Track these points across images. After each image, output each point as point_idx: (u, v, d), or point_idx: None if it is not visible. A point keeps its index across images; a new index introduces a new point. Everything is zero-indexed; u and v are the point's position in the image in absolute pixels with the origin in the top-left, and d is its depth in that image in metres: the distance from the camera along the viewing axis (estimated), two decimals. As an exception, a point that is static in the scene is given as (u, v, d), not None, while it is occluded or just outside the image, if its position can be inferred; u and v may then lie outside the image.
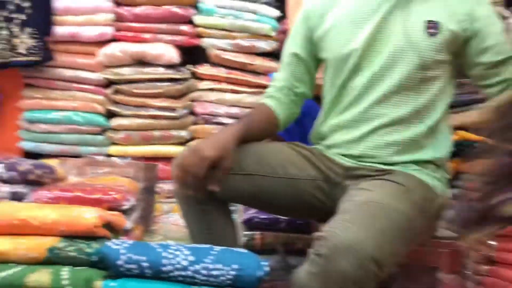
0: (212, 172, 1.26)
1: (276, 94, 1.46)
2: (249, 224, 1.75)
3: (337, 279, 1.08)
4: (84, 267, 1.18)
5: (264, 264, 1.21)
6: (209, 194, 1.30)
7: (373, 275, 1.08)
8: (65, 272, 1.15)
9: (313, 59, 1.46)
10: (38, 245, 1.18)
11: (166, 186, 2.25)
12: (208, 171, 1.25)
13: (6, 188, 1.55)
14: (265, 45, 2.22)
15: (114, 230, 1.34)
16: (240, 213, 1.86)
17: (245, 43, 2.21)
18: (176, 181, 1.37)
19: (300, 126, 2.18)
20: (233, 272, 1.17)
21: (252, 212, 1.76)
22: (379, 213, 1.16)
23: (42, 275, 1.14)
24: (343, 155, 1.38)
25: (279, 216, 1.78)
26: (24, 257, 1.18)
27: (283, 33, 2.22)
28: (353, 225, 1.11)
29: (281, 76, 1.48)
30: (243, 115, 1.52)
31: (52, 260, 1.18)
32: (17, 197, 1.59)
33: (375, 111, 1.34)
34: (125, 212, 1.73)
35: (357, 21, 1.36)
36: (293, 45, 1.47)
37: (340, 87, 1.38)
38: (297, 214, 1.55)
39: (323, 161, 1.39)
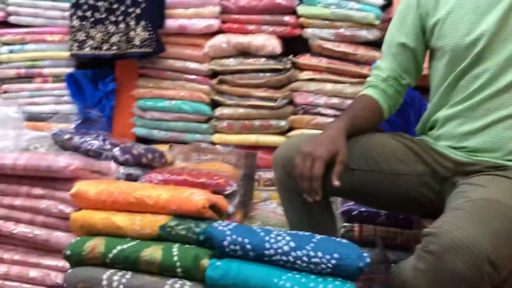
0: (327, 171, 1.24)
1: (381, 85, 1.42)
2: (348, 215, 1.74)
3: (448, 278, 1.05)
4: (192, 246, 1.24)
5: (365, 255, 1.20)
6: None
7: (487, 277, 1.03)
8: (175, 249, 1.22)
9: (422, 48, 1.41)
10: (151, 222, 1.26)
11: (264, 174, 2.30)
12: (324, 171, 1.23)
13: (121, 170, 1.69)
14: (368, 34, 2.17)
15: (218, 212, 1.40)
16: (338, 204, 1.86)
17: (348, 32, 2.18)
18: (279, 180, 1.38)
19: (402, 117, 2.12)
20: (333, 261, 1.17)
21: (351, 204, 1.75)
22: (495, 212, 1.10)
23: (155, 250, 1.21)
24: (453, 148, 1.32)
25: (378, 209, 1.75)
26: (138, 232, 1.26)
27: (388, 21, 2.15)
28: (468, 223, 1.06)
29: (385, 66, 1.44)
30: (347, 107, 1.48)
31: (163, 237, 1.25)
32: (131, 178, 1.72)
33: (499, 101, 1.26)
34: (227, 196, 1.80)
35: (482, 5, 1.27)
36: (400, 34, 1.41)
37: (457, 76, 1.31)
38: (400, 209, 1.50)
39: (431, 154, 1.33)
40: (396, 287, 1.25)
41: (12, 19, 2.37)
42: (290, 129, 2.26)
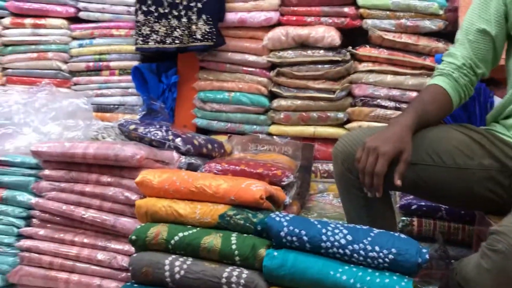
0: (389, 166, 1.22)
1: (454, 73, 1.35)
2: (406, 210, 1.71)
3: None
4: (250, 235, 1.27)
5: (424, 251, 1.18)
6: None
7: None
8: (233, 237, 1.25)
9: (503, 37, 1.35)
10: (211, 211, 1.30)
11: (321, 166, 2.30)
12: (388, 167, 1.22)
13: (183, 159, 1.75)
14: (431, 25, 2.10)
15: (275, 203, 1.42)
16: (397, 198, 1.83)
17: (409, 23, 2.12)
18: (338, 174, 1.37)
19: (466, 110, 2.05)
20: (391, 256, 1.16)
21: (410, 198, 1.72)
22: None
23: (214, 238, 1.25)
24: None
25: (438, 204, 1.71)
26: (199, 221, 1.30)
27: (452, 11, 2.08)
28: None
29: (460, 53, 1.36)
30: (415, 99, 1.43)
31: (222, 225, 1.29)
32: (192, 167, 1.78)
33: None
34: (284, 187, 1.82)
35: None
36: (481, 21, 1.34)
37: None
38: (464, 205, 1.46)
39: (499, 146, 1.28)
40: (456, 284, 1.22)
41: (82, 14, 2.48)
42: (348, 121, 2.25)
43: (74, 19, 2.51)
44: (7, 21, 2.50)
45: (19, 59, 2.52)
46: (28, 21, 2.47)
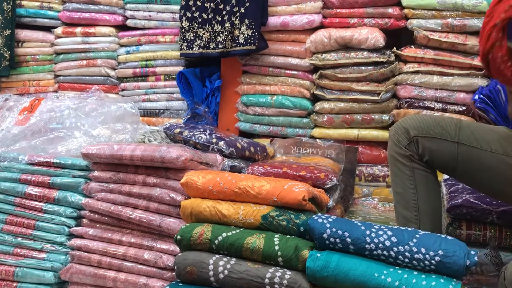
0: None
1: None
2: (455, 212, 1.66)
3: None
4: (292, 236, 1.28)
5: (473, 253, 1.15)
6: (421, 156, 1.41)
7: None
8: (276, 238, 1.26)
9: None
10: (254, 212, 1.31)
11: (366, 169, 2.26)
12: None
13: (226, 162, 1.77)
14: (479, 23, 2.03)
15: (319, 206, 1.41)
16: (444, 202, 1.78)
17: (456, 22, 2.06)
18: (390, 147, 1.47)
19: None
20: (438, 258, 1.14)
21: (458, 201, 1.67)
22: None
23: (257, 239, 1.26)
24: None
25: (489, 208, 1.65)
26: (242, 221, 1.32)
27: (502, 8, 2.01)
28: None
29: None
30: None
31: (264, 226, 1.30)
32: (235, 170, 1.80)
33: None
34: (327, 190, 1.81)
35: None
36: None
37: None
38: (507, 198, 1.45)
39: None
40: (503, 288, 1.18)
41: (129, 22, 2.56)
42: (393, 123, 2.19)
43: (122, 27, 2.59)
44: (59, 30, 2.60)
45: (70, 66, 2.62)
46: (78, 30, 2.57)
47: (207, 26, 2.30)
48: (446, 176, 1.87)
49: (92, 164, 1.66)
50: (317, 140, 2.26)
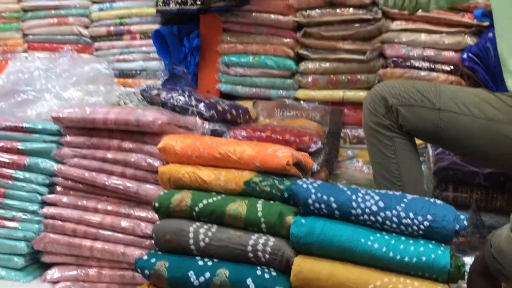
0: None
1: None
2: (442, 176, 1.63)
3: None
4: (276, 202, 1.22)
5: (462, 217, 1.11)
6: (400, 126, 1.37)
7: None
8: (259, 204, 1.21)
9: None
10: (236, 178, 1.25)
11: (351, 132, 2.22)
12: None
13: (207, 125, 1.70)
14: (470, -22, 1.96)
15: (303, 170, 1.36)
16: (431, 164, 1.75)
17: (446, -23, 1.98)
18: (364, 116, 1.41)
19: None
20: (426, 223, 1.10)
21: (445, 164, 1.63)
22: None
23: (240, 205, 1.21)
24: None
25: (476, 170, 1.62)
26: (223, 187, 1.26)
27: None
28: None
29: None
30: None
31: (247, 192, 1.24)
32: (216, 133, 1.73)
33: None
34: (312, 154, 1.76)
35: None
36: None
37: None
38: (492, 159, 1.40)
39: None
40: (491, 256, 1.16)
41: (101, -23, 2.43)
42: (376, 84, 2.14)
43: (93, -18, 2.46)
44: (26, -15, 2.46)
45: (40, 24, 2.49)
46: (47, -15, 2.43)
47: (184, -20, 2.18)
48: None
49: (64, 128, 1.57)
50: (301, 102, 2.20)
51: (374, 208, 1.12)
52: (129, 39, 2.41)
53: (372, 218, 1.13)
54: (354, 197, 1.15)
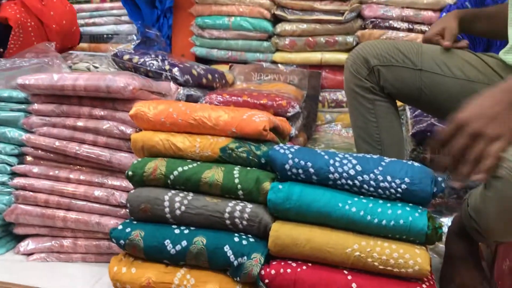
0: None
1: None
2: (420, 138, 1.62)
3: None
4: (253, 168, 1.20)
5: (440, 180, 1.10)
6: (381, 88, 1.36)
7: None
8: (236, 171, 1.18)
9: None
10: (211, 144, 1.22)
11: (329, 95, 2.19)
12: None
13: (181, 90, 1.64)
14: None
15: (280, 135, 1.33)
16: (409, 126, 1.74)
17: None
18: (346, 79, 1.39)
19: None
20: (404, 186, 1.09)
21: (423, 126, 1.63)
22: None
23: (216, 172, 1.18)
24: None
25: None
26: (199, 154, 1.23)
27: None
28: None
29: None
30: None
31: (223, 159, 1.21)
32: (191, 99, 1.68)
33: None
34: (290, 118, 1.73)
35: None
36: None
37: None
38: None
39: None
40: (468, 216, 1.17)
41: None
42: (358, 45, 2.10)
43: None
44: None
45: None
46: None
47: None
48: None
49: (31, 96, 1.50)
50: (279, 65, 2.15)
51: (352, 172, 1.11)
52: (98, 2, 2.31)
53: (349, 182, 1.12)
54: (331, 161, 1.13)
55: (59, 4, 1.81)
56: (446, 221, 1.57)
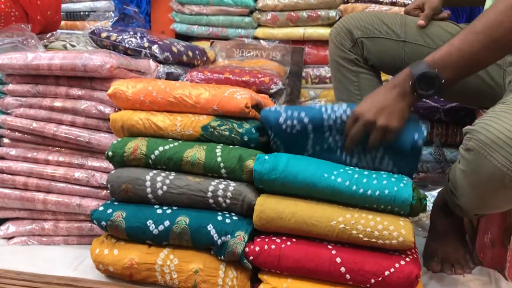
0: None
1: None
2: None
3: (487, 177, 0.95)
4: (236, 146, 1.19)
5: (423, 126, 1.10)
6: (366, 60, 1.37)
7: None
8: (218, 149, 1.17)
9: None
10: (193, 123, 1.20)
11: (312, 71, 2.17)
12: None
13: (161, 68, 1.61)
14: None
15: (263, 112, 1.31)
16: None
17: None
18: (330, 50, 1.40)
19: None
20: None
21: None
22: None
23: (198, 151, 1.16)
24: None
25: (436, 105, 1.62)
26: (180, 133, 1.21)
27: None
28: (510, 117, 0.93)
29: None
30: None
31: (205, 137, 1.20)
32: (172, 77, 1.65)
33: None
34: (273, 95, 1.71)
35: None
36: None
37: None
38: (457, 97, 1.42)
39: None
40: (449, 191, 1.18)
41: None
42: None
43: None
44: None
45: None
46: None
47: None
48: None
49: (6, 76, 1.45)
50: (261, 41, 2.12)
51: (344, 117, 1.11)
52: (74, -23, 2.24)
53: (342, 127, 1.11)
54: (323, 109, 1.13)
55: (48, -7, 1.74)
56: (430, 195, 1.58)
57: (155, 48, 1.63)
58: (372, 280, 1.05)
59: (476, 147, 0.95)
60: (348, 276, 1.06)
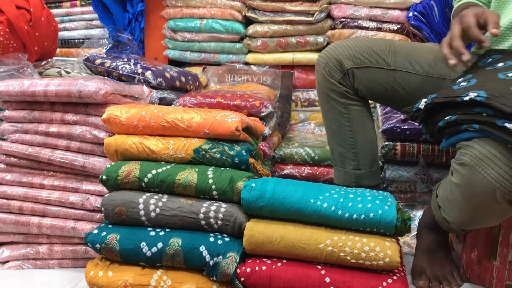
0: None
1: None
2: (390, 134, 1.66)
3: (481, 191, 0.99)
4: (227, 168, 1.22)
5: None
6: (356, 91, 1.35)
7: None
8: (210, 171, 1.20)
9: None
10: (185, 146, 1.23)
11: (302, 95, 2.22)
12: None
13: (155, 93, 1.65)
14: None
15: (254, 135, 1.35)
16: (379, 123, 1.78)
17: None
18: (319, 82, 1.37)
19: (448, 24, 1.96)
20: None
21: (393, 122, 1.67)
22: None
23: (190, 173, 1.19)
24: None
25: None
26: (173, 156, 1.24)
27: None
28: None
29: None
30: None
31: (197, 160, 1.23)
32: (165, 102, 1.68)
33: None
34: (263, 118, 1.75)
35: None
36: None
37: None
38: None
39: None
40: (437, 206, 1.21)
41: None
42: (328, 45, 2.13)
43: None
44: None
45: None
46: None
47: None
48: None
49: (2, 103, 1.48)
50: (252, 66, 2.17)
51: None
52: (69, 6, 2.29)
53: None
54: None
55: (46, 25, 1.78)
56: (417, 214, 1.61)
57: (148, 74, 1.67)
58: (361, 299, 1.07)
59: (470, 162, 0.99)
60: (337, 294, 1.08)
